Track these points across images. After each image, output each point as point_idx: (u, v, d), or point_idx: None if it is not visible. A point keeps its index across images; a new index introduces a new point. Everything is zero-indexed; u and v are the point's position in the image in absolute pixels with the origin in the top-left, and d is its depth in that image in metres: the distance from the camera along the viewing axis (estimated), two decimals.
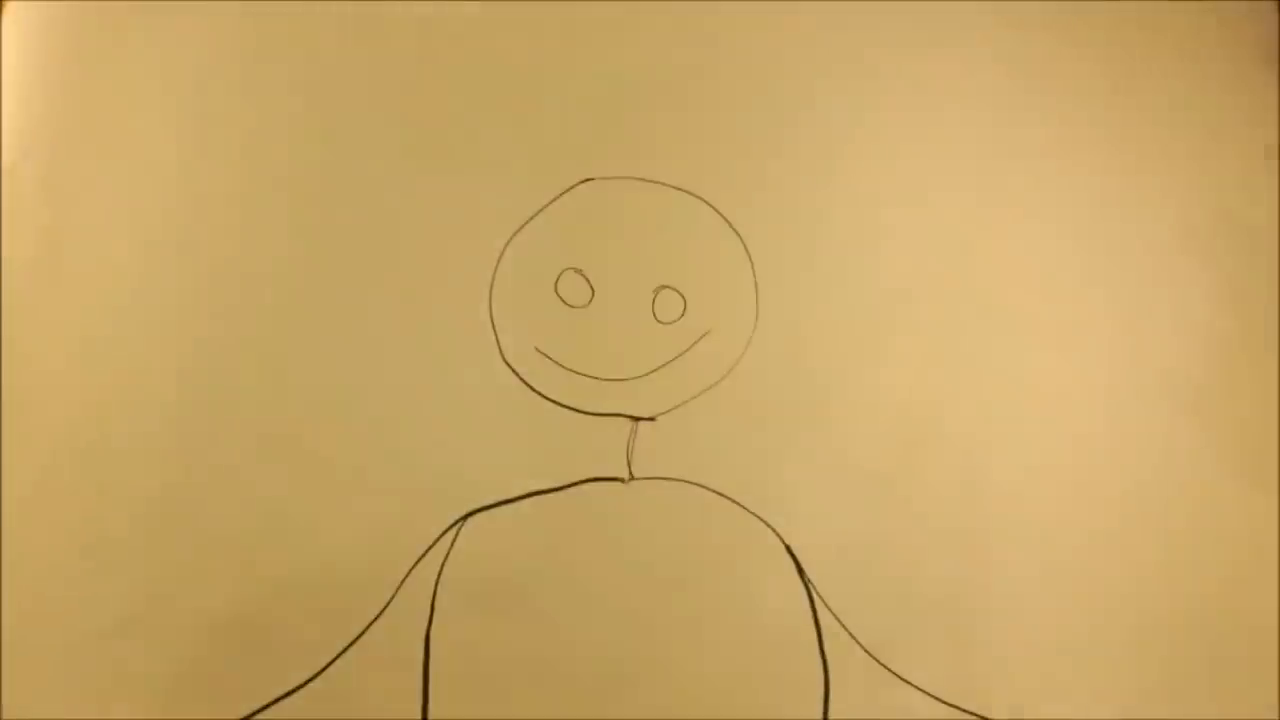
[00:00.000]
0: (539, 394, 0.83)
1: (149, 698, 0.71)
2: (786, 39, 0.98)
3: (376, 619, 0.74)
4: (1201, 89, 0.97)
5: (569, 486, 0.80)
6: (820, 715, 0.73)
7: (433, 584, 0.75)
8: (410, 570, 0.75)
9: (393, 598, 0.75)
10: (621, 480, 0.80)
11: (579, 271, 0.88)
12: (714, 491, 0.80)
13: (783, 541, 0.78)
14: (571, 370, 0.84)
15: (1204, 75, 0.97)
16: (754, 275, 0.88)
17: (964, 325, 0.87)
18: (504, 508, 0.78)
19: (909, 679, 0.74)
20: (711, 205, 0.90)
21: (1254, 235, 0.90)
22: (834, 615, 0.76)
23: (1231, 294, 0.88)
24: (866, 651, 0.75)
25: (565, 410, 0.83)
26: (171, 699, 0.71)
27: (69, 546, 0.76)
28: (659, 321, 0.86)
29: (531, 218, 0.89)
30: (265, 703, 0.71)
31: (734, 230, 0.89)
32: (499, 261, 0.88)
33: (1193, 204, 0.92)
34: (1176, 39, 0.99)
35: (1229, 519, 0.80)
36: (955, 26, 0.98)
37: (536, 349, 0.85)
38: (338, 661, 0.73)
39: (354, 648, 0.73)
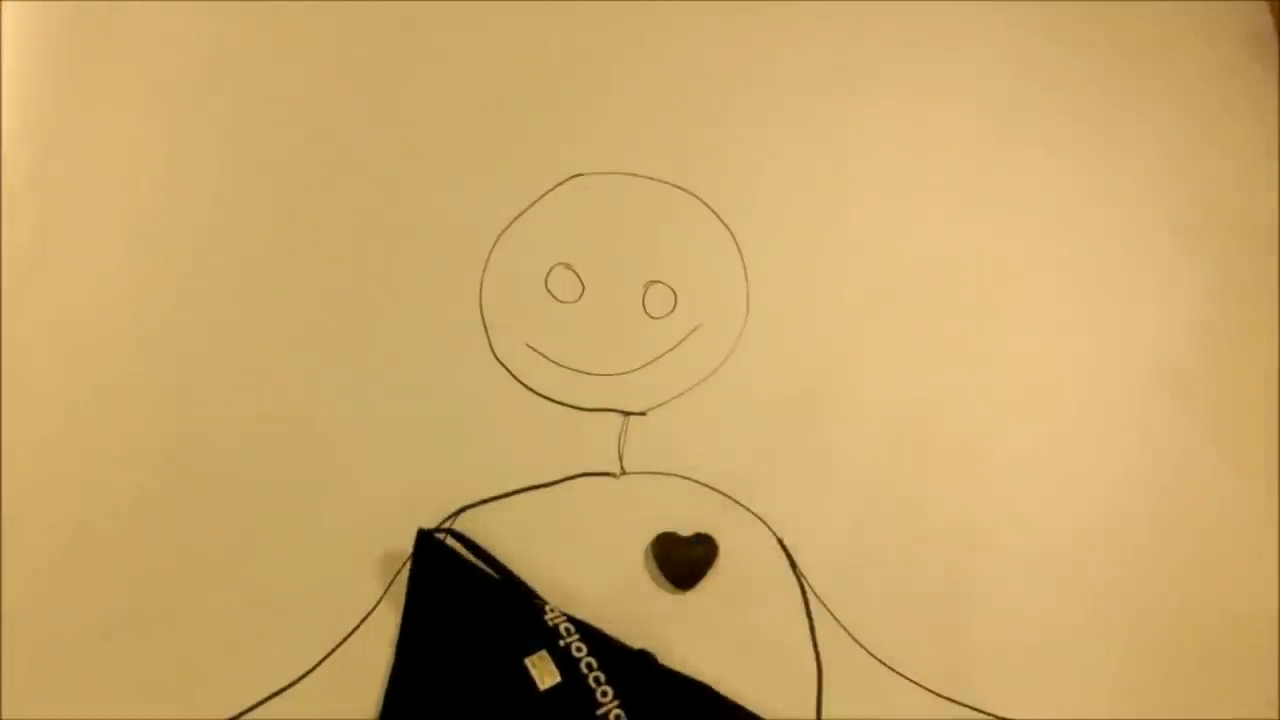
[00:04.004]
0: (530, 390, 0.83)
1: (148, 697, 0.71)
2: (776, 35, 0.98)
3: (367, 617, 0.74)
4: (1189, 83, 0.98)
5: (561, 481, 0.79)
6: (814, 709, 0.73)
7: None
8: (401, 568, 0.75)
9: (383, 596, 0.74)
10: (613, 475, 0.80)
11: (569, 267, 0.88)
12: (706, 485, 0.80)
13: (775, 535, 0.78)
14: (562, 366, 0.84)
15: (1192, 69, 0.98)
16: (744, 269, 0.88)
17: (954, 318, 0.87)
18: (496, 503, 0.78)
19: (902, 672, 0.74)
20: (701, 200, 0.90)
21: (1242, 224, 0.91)
22: (826, 608, 0.76)
23: (1219, 283, 0.89)
24: (859, 644, 0.75)
25: (556, 405, 0.82)
26: (169, 698, 0.71)
27: (65, 548, 0.76)
28: (649, 316, 0.86)
29: (521, 213, 0.89)
30: (257, 700, 0.71)
31: (724, 225, 0.89)
32: (489, 258, 0.88)
33: (1181, 194, 0.92)
34: (1166, 34, 1.00)
35: (1219, 506, 0.80)
36: (946, 23, 0.99)
37: (527, 344, 0.85)
38: (327, 660, 0.72)
39: (343, 646, 0.73)
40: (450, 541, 0.76)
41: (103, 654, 0.72)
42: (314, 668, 0.72)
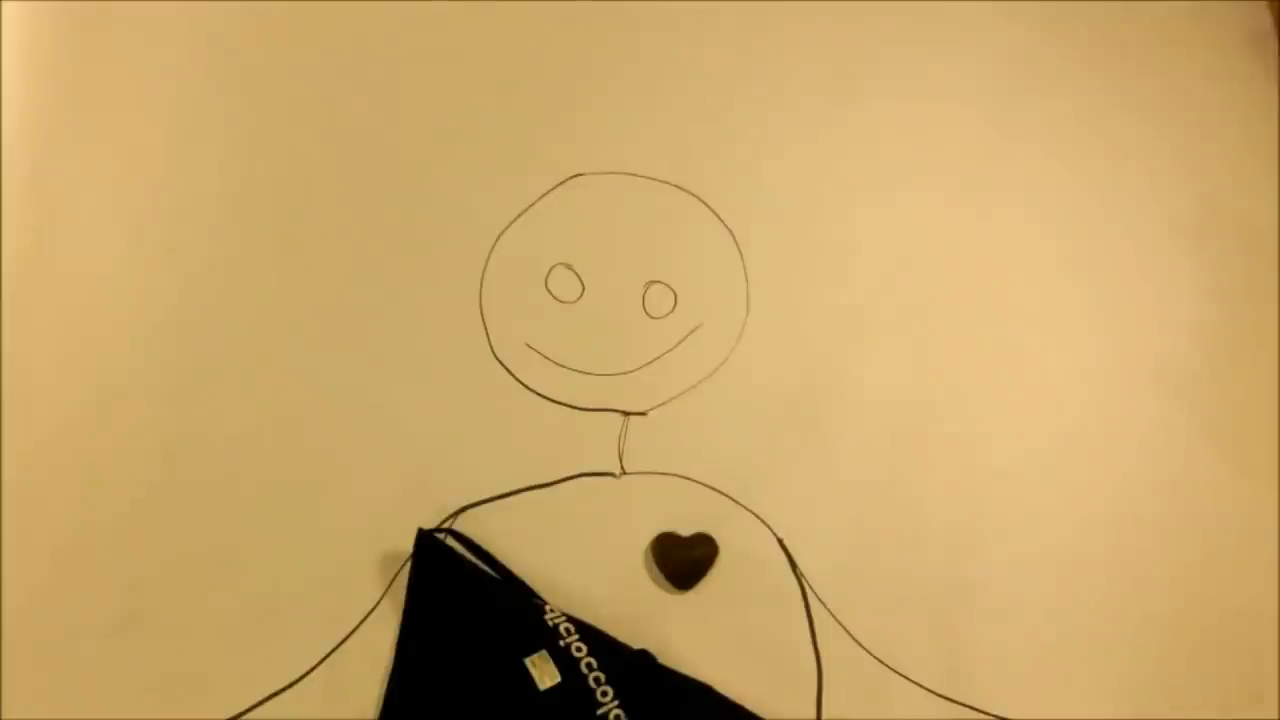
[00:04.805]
0: (530, 389, 0.83)
1: (148, 697, 0.71)
2: (776, 35, 0.98)
3: (367, 617, 0.74)
4: (1189, 83, 0.98)
5: (561, 481, 0.79)
6: (814, 709, 0.73)
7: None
8: (401, 568, 0.75)
9: (383, 596, 0.74)
10: (613, 475, 0.80)
11: (569, 267, 0.88)
12: (706, 485, 0.80)
13: (775, 535, 0.78)
14: (562, 365, 0.84)
15: (1192, 69, 0.98)
16: (744, 269, 0.88)
17: (954, 318, 0.87)
18: (496, 503, 0.78)
19: (902, 672, 0.74)
20: (702, 200, 0.90)
21: (1241, 224, 0.91)
22: (826, 608, 0.76)
23: (1219, 283, 0.89)
24: (859, 644, 0.75)
25: (556, 405, 0.82)
26: (169, 698, 0.71)
27: (66, 548, 0.76)
28: (650, 316, 0.86)
29: (521, 213, 0.89)
30: (257, 700, 0.71)
31: (724, 225, 0.89)
32: (489, 257, 0.88)
33: (1181, 194, 0.92)
34: (1166, 34, 1.00)
35: (1219, 506, 0.80)
36: (946, 23, 0.99)
37: (527, 344, 0.85)
38: (327, 660, 0.72)
39: (343, 646, 0.73)
40: (450, 541, 0.76)
41: (103, 654, 0.72)
42: (314, 668, 0.72)
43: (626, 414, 0.82)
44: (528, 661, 0.69)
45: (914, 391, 0.84)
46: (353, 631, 0.73)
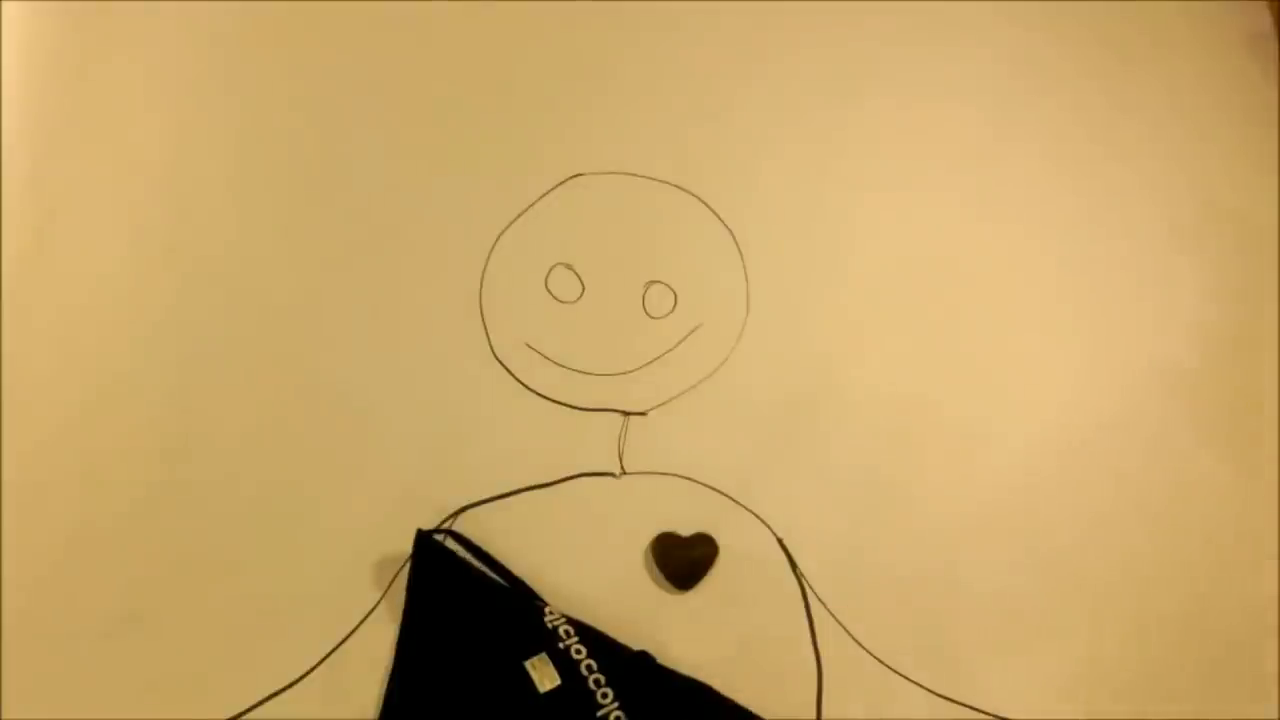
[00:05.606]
0: (530, 389, 0.83)
1: (148, 697, 0.71)
2: (776, 35, 0.98)
3: (367, 617, 0.74)
4: (1189, 83, 0.98)
5: (561, 481, 0.80)
6: (814, 709, 0.73)
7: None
8: (400, 568, 0.75)
9: (382, 596, 0.74)
10: (613, 475, 0.80)
11: (569, 267, 0.88)
12: (706, 485, 0.80)
13: (775, 535, 0.78)
14: (562, 365, 0.84)
15: (1192, 70, 0.98)
16: (744, 269, 0.88)
17: (954, 318, 0.87)
18: (496, 503, 0.78)
19: (902, 671, 0.74)
20: (702, 200, 0.90)
21: (1241, 224, 0.91)
22: (826, 608, 0.76)
23: (1219, 283, 0.89)
24: (859, 645, 0.75)
25: (556, 405, 0.83)
26: (169, 698, 0.71)
27: (66, 548, 0.76)
28: (650, 316, 0.86)
29: (521, 213, 0.89)
30: (257, 700, 0.71)
31: (724, 225, 0.90)
32: (489, 257, 0.88)
33: (1181, 194, 0.92)
34: (1166, 35, 1.00)
35: (1219, 506, 0.80)
36: (946, 23, 0.99)
37: (527, 344, 0.85)
38: (327, 660, 0.73)
39: (343, 646, 0.73)
40: (449, 542, 0.76)
41: (103, 654, 0.72)
42: (314, 668, 0.72)
43: (626, 414, 0.82)
44: (528, 664, 0.69)
45: (914, 391, 0.84)
46: (353, 631, 0.73)
